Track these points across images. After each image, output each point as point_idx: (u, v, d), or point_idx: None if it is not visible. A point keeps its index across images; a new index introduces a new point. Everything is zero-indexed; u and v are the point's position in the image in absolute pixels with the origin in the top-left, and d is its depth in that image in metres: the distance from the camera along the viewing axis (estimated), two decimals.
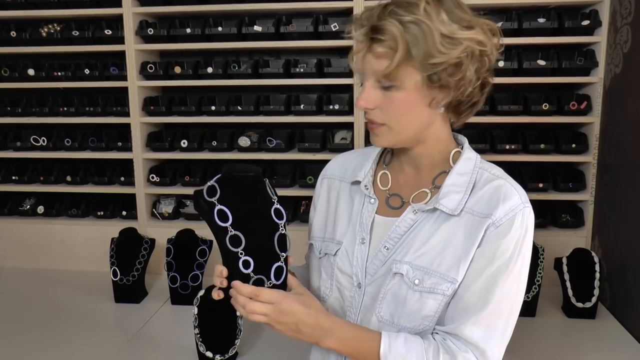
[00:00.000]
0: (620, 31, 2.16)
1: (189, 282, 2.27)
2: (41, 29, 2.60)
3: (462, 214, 1.11)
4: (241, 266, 1.11)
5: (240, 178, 1.15)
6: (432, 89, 1.04)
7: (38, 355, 1.89)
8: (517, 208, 1.09)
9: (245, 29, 2.46)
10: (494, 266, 1.07)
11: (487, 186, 1.12)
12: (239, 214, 1.13)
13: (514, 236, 1.08)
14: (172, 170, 2.66)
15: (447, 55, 1.00)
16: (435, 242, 1.11)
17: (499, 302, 1.06)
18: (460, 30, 1.01)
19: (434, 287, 1.09)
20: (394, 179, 1.22)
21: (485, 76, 1.08)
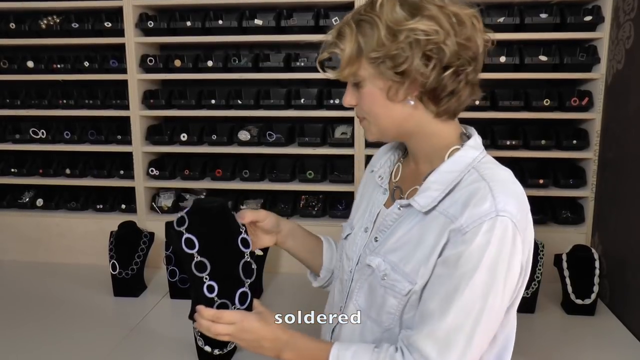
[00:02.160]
0: (622, 27, 2.15)
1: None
2: (40, 21, 2.58)
3: (436, 214, 1.07)
4: (205, 290, 1.19)
5: (207, 208, 1.24)
6: (387, 82, 1.04)
7: (37, 349, 1.88)
8: (486, 216, 0.99)
9: (246, 22, 2.45)
10: (455, 276, 1.00)
11: (468, 187, 1.05)
12: (206, 242, 1.20)
13: (479, 245, 0.99)
14: (172, 163, 2.65)
15: (386, 48, 1.00)
16: (408, 240, 1.10)
17: (457, 315, 0.99)
18: (406, 21, 1.00)
19: (394, 285, 1.09)
20: (402, 172, 1.23)
21: (457, 65, 1.01)
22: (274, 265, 2.53)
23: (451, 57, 1.00)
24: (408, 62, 1.00)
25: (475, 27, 1.03)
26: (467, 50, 1.02)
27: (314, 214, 2.55)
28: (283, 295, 2.33)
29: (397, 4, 1.01)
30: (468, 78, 1.04)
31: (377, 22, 1.01)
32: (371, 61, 1.04)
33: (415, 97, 1.06)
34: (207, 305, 1.16)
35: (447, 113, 1.08)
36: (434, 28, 0.99)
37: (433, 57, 1.00)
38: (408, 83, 1.03)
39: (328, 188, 2.54)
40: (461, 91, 1.05)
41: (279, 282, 2.45)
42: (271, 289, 2.37)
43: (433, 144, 1.12)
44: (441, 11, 1.00)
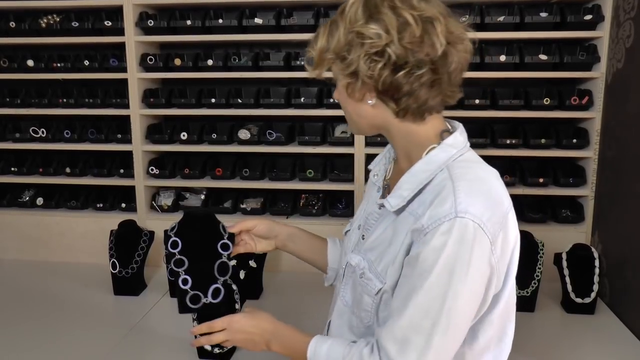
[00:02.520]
0: (622, 26, 2.15)
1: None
2: (40, 20, 2.58)
3: (406, 215, 1.08)
4: (180, 283, 1.39)
5: (193, 215, 1.47)
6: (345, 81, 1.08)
7: (37, 347, 1.89)
8: (445, 217, 0.98)
9: (246, 21, 2.45)
10: (413, 276, 1.01)
11: (436, 187, 1.04)
12: (188, 243, 1.42)
13: (435, 247, 0.98)
14: (172, 162, 2.65)
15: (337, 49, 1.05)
16: (382, 239, 1.13)
17: (414, 315, 0.99)
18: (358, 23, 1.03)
19: (367, 284, 1.12)
20: (393, 170, 1.25)
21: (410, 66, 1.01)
22: (274, 264, 2.54)
23: (400, 59, 1.01)
24: (354, 63, 1.03)
25: (433, 29, 1.02)
26: (418, 53, 1.01)
27: (314, 213, 2.55)
28: (283, 294, 2.33)
29: (360, 5, 1.04)
30: (422, 79, 1.03)
31: (340, 23, 1.06)
32: (329, 60, 1.09)
33: (373, 97, 1.08)
34: (181, 296, 1.38)
35: (407, 112, 1.08)
36: (378, 32, 1.00)
37: (378, 60, 1.01)
38: (360, 83, 1.06)
39: (328, 187, 2.54)
40: (417, 91, 1.04)
41: (279, 281, 2.45)
42: (271, 288, 2.37)
43: (410, 142, 1.13)
44: (394, 13, 1.01)
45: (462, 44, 1.08)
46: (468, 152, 1.13)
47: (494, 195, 1.04)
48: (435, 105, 1.09)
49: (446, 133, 1.13)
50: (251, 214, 2.57)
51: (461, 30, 1.07)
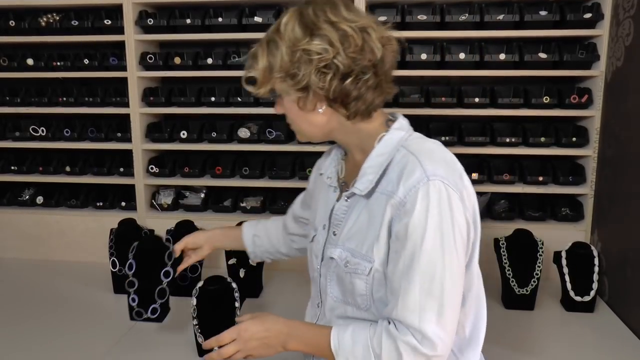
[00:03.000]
0: (622, 24, 2.15)
1: (188, 274, 2.27)
2: (40, 19, 2.58)
3: (377, 195, 1.16)
4: (130, 300, 1.76)
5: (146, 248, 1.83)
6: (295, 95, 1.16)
7: (37, 346, 1.89)
8: (419, 183, 1.09)
9: (246, 19, 2.45)
10: (408, 246, 1.08)
11: (399, 164, 1.14)
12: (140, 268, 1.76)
13: (420, 211, 1.08)
14: (172, 161, 2.65)
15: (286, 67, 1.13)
16: (359, 224, 1.19)
17: (423, 281, 1.07)
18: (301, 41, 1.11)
19: (357, 268, 1.18)
20: (346, 168, 1.34)
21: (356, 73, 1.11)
22: (274, 263, 2.53)
23: (346, 68, 1.11)
24: (305, 78, 1.12)
25: (369, 36, 1.12)
26: (362, 60, 1.11)
27: None
28: (283, 293, 2.33)
29: (296, 24, 1.13)
30: (368, 83, 1.14)
31: (279, 42, 1.14)
32: (278, 79, 1.16)
33: (324, 106, 1.17)
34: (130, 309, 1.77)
35: (358, 114, 1.18)
36: (324, 47, 1.09)
37: (327, 72, 1.11)
38: (312, 95, 1.15)
39: None
40: (365, 95, 1.14)
41: (279, 280, 2.45)
42: (271, 287, 2.37)
43: (362, 137, 1.22)
44: (333, 28, 1.10)
45: (391, 44, 1.18)
46: (413, 132, 1.24)
47: (449, 160, 1.16)
48: (380, 103, 1.20)
49: (390, 121, 1.25)
50: (251, 213, 2.57)
51: (387, 33, 1.18)
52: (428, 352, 1.06)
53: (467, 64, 2.37)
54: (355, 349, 1.12)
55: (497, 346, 1.83)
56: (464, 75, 2.44)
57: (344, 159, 1.36)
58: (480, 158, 2.50)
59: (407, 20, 2.36)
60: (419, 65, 2.39)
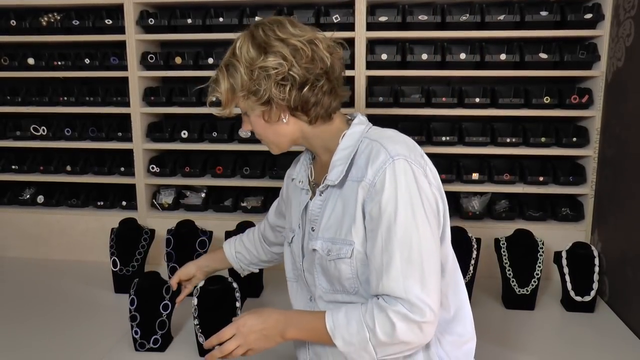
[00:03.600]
0: (623, 25, 2.15)
1: None
2: (41, 18, 2.59)
3: (349, 183, 1.25)
4: (133, 333, 1.83)
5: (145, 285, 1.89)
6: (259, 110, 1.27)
7: (38, 345, 1.89)
8: (385, 164, 1.17)
9: (247, 19, 2.45)
10: (383, 222, 1.16)
11: (365, 152, 1.24)
12: (141, 302, 1.85)
13: (390, 188, 1.16)
14: (172, 160, 2.65)
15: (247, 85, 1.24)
16: (335, 214, 1.27)
17: (402, 252, 1.14)
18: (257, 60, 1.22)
19: (339, 253, 1.24)
20: (315, 171, 1.42)
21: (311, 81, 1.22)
22: None
23: (302, 78, 1.21)
24: (267, 92, 1.22)
25: (317, 47, 1.24)
26: (314, 69, 1.23)
27: None
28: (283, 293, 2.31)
29: (250, 46, 1.24)
30: (324, 89, 1.25)
31: (237, 64, 1.24)
32: (242, 98, 1.27)
33: (287, 115, 1.27)
34: (134, 343, 1.83)
35: (318, 118, 1.28)
36: (279, 62, 1.20)
37: (285, 83, 1.21)
38: (275, 107, 1.25)
39: None
40: (322, 100, 1.25)
41: (279, 279, 2.44)
42: (271, 287, 2.37)
43: (325, 138, 1.32)
44: (284, 44, 1.21)
45: (337, 52, 1.30)
46: (372, 125, 1.34)
47: (408, 141, 1.26)
48: (337, 106, 1.30)
49: (349, 120, 1.35)
50: (251, 212, 2.57)
51: (331, 43, 1.29)
52: (418, 318, 1.12)
53: (468, 64, 2.37)
54: (350, 327, 1.16)
55: (497, 346, 1.84)
56: (465, 75, 2.44)
57: (312, 163, 1.45)
58: (480, 158, 2.51)
59: (407, 20, 2.36)
60: (419, 66, 2.39)
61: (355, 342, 1.16)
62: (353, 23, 2.36)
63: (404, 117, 2.51)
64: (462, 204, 2.49)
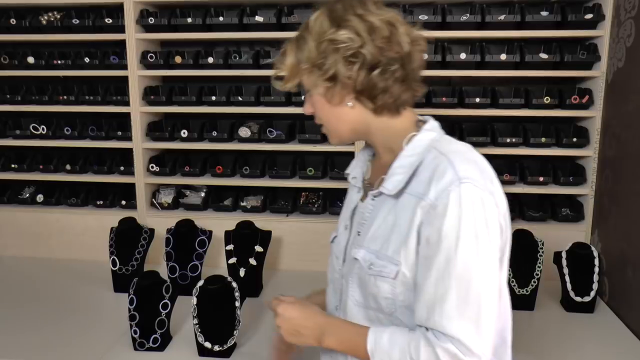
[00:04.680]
0: (623, 25, 2.15)
1: (188, 273, 2.27)
2: (41, 17, 2.58)
3: (407, 196, 1.14)
4: (132, 332, 1.83)
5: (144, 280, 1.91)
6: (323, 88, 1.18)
7: (37, 344, 1.89)
8: (450, 185, 1.06)
9: (247, 19, 2.44)
10: (441, 252, 1.05)
11: (430, 165, 1.12)
12: (140, 302, 1.85)
13: (453, 215, 1.04)
14: (172, 160, 2.65)
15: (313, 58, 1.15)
16: (385, 226, 1.17)
17: (459, 288, 1.04)
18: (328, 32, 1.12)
19: (382, 270, 1.15)
20: (372, 169, 1.33)
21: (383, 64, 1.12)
22: (274, 262, 2.54)
23: (373, 59, 1.11)
24: (332, 68, 1.13)
25: (396, 29, 1.14)
26: (388, 51, 1.12)
27: (314, 211, 2.56)
28: (282, 292, 2.31)
29: (325, 19, 1.15)
30: (396, 75, 1.13)
31: (307, 37, 1.16)
32: (306, 71, 1.18)
33: (352, 98, 1.17)
34: (133, 340, 1.83)
35: (385, 108, 1.17)
36: (350, 36, 1.11)
37: (354, 61, 1.12)
38: (340, 87, 1.15)
39: (328, 185, 2.54)
40: (392, 87, 1.14)
41: (278, 279, 2.46)
42: (270, 286, 2.37)
43: (390, 135, 1.21)
44: (360, 20, 1.12)
45: (420, 44, 1.18)
46: (444, 134, 1.22)
47: (480, 162, 1.14)
48: (407, 99, 1.19)
49: (420, 122, 1.23)
50: (251, 212, 2.57)
51: (417, 33, 1.18)
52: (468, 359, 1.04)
53: (468, 64, 2.37)
54: (392, 353, 1.09)
55: None
56: (465, 75, 2.44)
57: (370, 160, 1.35)
58: None
59: (407, 20, 2.34)
60: None
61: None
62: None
63: None
64: None
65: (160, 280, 1.92)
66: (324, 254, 2.50)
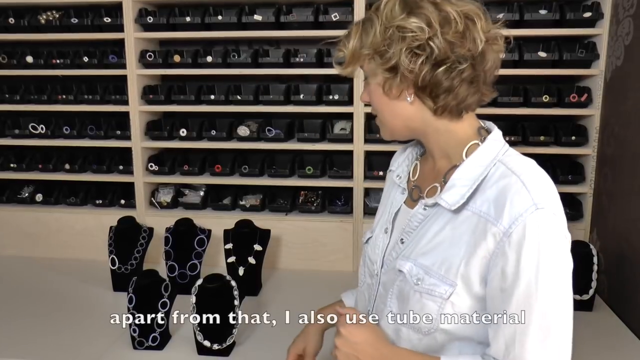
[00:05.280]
0: (622, 23, 2.15)
1: (187, 272, 2.27)
2: (40, 16, 2.58)
3: (468, 213, 1.04)
4: (131, 331, 1.85)
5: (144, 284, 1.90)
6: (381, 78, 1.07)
7: (36, 344, 1.89)
8: (526, 212, 0.96)
9: (245, 17, 2.44)
10: (520, 286, 0.97)
11: (498, 183, 1.02)
12: (139, 301, 1.86)
13: (532, 247, 0.96)
14: (171, 159, 2.65)
15: (376, 44, 1.04)
16: (439, 241, 1.07)
17: (540, 323, 0.97)
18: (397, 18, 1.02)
19: (432, 289, 1.06)
20: (421, 170, 1.21)
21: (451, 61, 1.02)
22: (273, 261, 2.54)
23: (441, 54, 1.01)
24: (395, 57, 1.02)
25: (473, 24, 1.02)
26: (460, 48, 1.01)
27: (313, 210, 2.56)
28: (281, 291, 2.33)
29: (397, 3, 1.03)
30: (463, 75, 1.03)
31: (375, 20, 1.04)
32: (367, 57, 1.07)
33: (412, 94, 1.07)
34: (132, 339, 1.84)
35: (446, 110, 1.07)
36: (420, 25, 1.00)
37: (420, 53, 1.01)
38: (399, 79, 1.04)
39: (327, 184, 2.54)
40: (457, 88, 1.04)
41: (277, 278, 2.46)
42: (269, 285, 2.37)
43: (448, 140, 1.11)
44: (435, 8, 1.01)
45: (497, 43, 1.08)
46: (506, 145, 1.12)
47: (551, 185, 1.06)
48: (472, 103, 1.09)
49: (483, 130, 1.13)
50: (250, 211, 2.57)
51: (496, 30, 1.07)
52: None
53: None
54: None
55: None
56: None
57: (418, 159, 1.24)
58: None
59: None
60: None
61: None
62: (352, 21, 2.35)
63: None
64: None
65: (159, 279, 1.92)
66: (323, 252, 2.53)
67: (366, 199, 2.52)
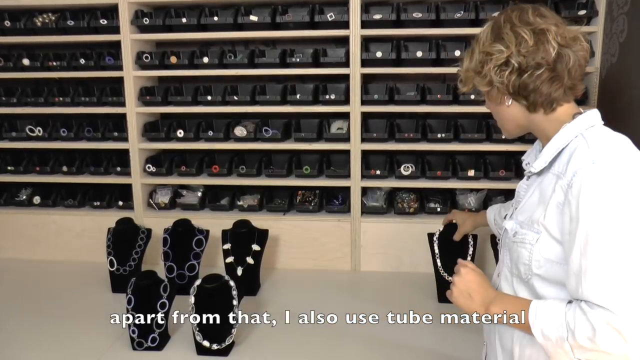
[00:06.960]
0: (616, 21, 2.16)
1: (186, 272, 2.28)
2: (36, 19, 2.58)
3: (549, 174, 1.28)
4: (130, 332, 1.85)
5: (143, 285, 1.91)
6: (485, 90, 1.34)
7: (36, 345, 1.90)
8: (583, 166, 1.17)
9: (241, 18, 2.45)
10: (581, 229, 1.15)
11: (571, 148, 1.25)
12: (138, 301, 1.88)
13: (587, 196, 1.14)
14: (168, 160, 2.66)
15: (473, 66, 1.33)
16: (532, 200, 1.32)
17: (600, 262, 1.12)
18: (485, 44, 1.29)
19: (524, 238, 1.29)
20: None
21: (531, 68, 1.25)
22: (271, 260, 2.54)
23: (521, 66, 1.26)
24: (488, 75, 1.30)
25: (545, 36, 1.26)
26: (534, 57, 1.25)
27: (311, 209, 2.56)
28: (280, 290, 2.34)
29: (489, 31, 1.31)
30: (542, 77, 1.26)
31: (475, 47, 1.34)
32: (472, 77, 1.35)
33: (509, 99, 1.33)
34: (132, 340, 1.86)
35: (537, 105, 1.30)
36: (500, 48, 1.27)
37: (505, 69, 1.27)
38: (496, 89, 1.31)
39: (324, 183, 2.55)
40: (540, 87, 1.27)
41: (276, 278, 2.46)
42: (268, 284, 2.38)
43: (546, 128, 1.33)
44: (512, 32, 1.27)
45: (578, 44, 1.31)
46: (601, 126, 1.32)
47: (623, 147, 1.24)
48: (559, 97, 1.30)
49: (577, 114, 1.32)
50: (248, 211, 2.58)
51: (575, 33, 1.31)
52: (619, 327, 1.10)
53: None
54: (551, 322, 1.19)
55: None
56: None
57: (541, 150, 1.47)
58: (476, 155, 2.51)
59: (402, 18, 2.36)
60: (414, 63, 2.39)
61: (553, 338, 1.18)
62: (347, 21, 2.36)
63: (400, 115, 2.52)
64: (459, 201, 2.50)
65: (157, 279, 1.93)
66: (321, 251, 2.53)
67: (363, 198, 2.52)
